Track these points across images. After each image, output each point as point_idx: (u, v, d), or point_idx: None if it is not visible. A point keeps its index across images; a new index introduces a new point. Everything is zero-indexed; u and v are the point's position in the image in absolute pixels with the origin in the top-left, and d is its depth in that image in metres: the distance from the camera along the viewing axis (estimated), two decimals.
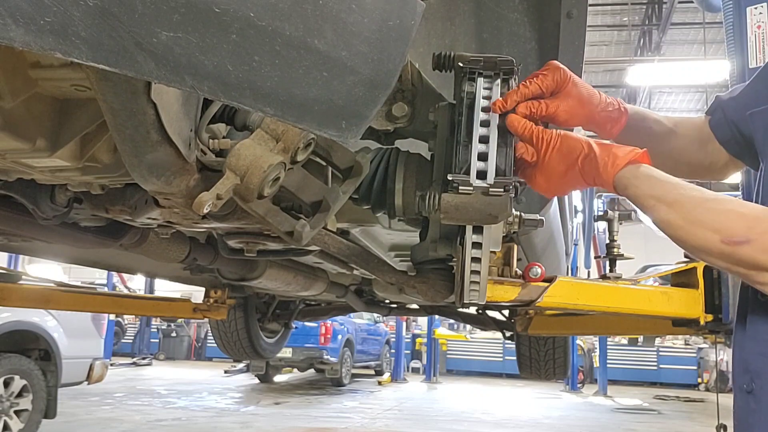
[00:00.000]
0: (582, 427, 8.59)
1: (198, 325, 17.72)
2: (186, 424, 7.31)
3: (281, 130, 1.04)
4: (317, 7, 0.67)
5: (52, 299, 3.61)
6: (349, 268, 2.52)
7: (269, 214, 1.19)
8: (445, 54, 1.21)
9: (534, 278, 1.95)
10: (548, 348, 4.80)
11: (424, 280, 1.76)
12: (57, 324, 5.29)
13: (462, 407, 10.00)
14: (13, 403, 4.94)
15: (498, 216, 1.11)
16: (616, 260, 2.58)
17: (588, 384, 14.17)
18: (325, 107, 0.74)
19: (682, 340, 15.36)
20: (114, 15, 0.55)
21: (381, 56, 0.76)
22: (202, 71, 0.62)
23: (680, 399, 12.59)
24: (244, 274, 2.54)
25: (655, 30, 14.24)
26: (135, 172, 0.96)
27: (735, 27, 2.36)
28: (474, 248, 1.31)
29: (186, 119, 0.98)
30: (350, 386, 12.50)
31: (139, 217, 1.40)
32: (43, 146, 1.06)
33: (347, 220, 1.85)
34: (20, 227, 1.63)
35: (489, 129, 1.04)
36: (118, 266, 3.32)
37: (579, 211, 10.84)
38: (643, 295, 2.29)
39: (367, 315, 13.48)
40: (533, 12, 1.75)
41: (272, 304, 4.60)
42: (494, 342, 15.61)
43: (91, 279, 12.98)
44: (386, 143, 1.41)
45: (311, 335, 11.58)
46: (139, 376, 13.13)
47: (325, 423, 7.92)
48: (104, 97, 0.83)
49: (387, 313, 4.35)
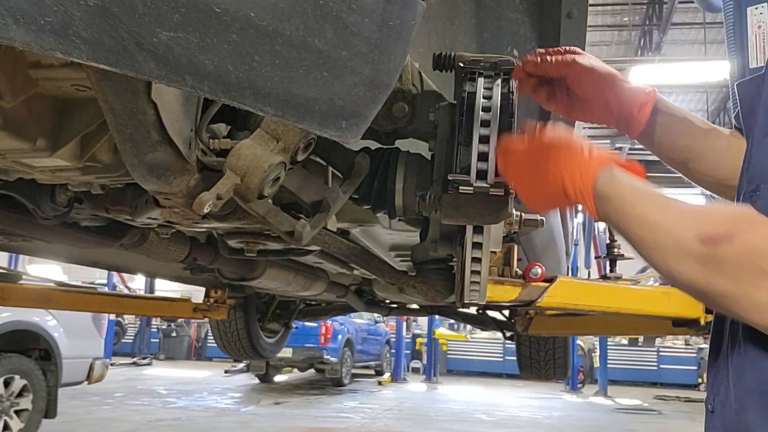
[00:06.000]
0: (582, 427, 8.59)
1: (198, 325, 17.71)
2: (186, 424, 7.31)
3: (281, 130, 1.04)
4: (317, 7, 0.67)
5: (52, 299, 3.61)
6: (350, 268, 2.52)
7: (269, 214, 1.19)
8: (446, 54, 1.21)
9: (534, 278, 1.95)
10: (548, 348, 4.80)
11: (425, 280, 1.77)
12: (57, 324, 5.29)
13: (462, 407, 10.00)
14: (13, 403, 4.94)
15: (498, 216, 1.11)
16: (616, 260, 2.59)
17: (588, 384, 14.17)
18: (326, 107, 0.74)
19: (683, 340, 15.36)
20: (114, 15, 0.55)
21: (381, 56, 0.76)
22: (202, 71, 0.62)
23: (680, 399, 12.58)
24: (244, 274, 2.54)
25: (655, 30, 14.23)
26: (135, 172, 0.96)
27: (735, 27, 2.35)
28: (474, 248, 1.31)
29: (186, 119, 0.98)
30: (350, 386, 12.50)
31: (139, 217, 1.40)
32: (44, 146, 1.06)
33: (347, 220, 1.85)
34: (20, 227, 1.63)
35: (489, 129, 1.04)
36: (118, 266, 3.32)
37: (579, 211, 10.84)
38: (644, 295, 2.29)
39: (368, 315, 13.47)
40: (534, 12, 1.75)
41: (272, 304, 4.60)
42: (494, 342, 15.61)
43: (91, 279, 12.97)
44: (386, 143, 1.41)
45: (311, 335, 11.58)
46: (139, 376, 13.13)
47: (326, 423, 7.92)
48: (104, 97, 0.83)
49: (387, 313, 4.35)
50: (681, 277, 0.77)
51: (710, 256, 0.73)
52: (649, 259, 0.82)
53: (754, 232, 0.73)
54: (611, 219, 0.85)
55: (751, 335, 0.80)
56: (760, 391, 0.79)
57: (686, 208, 0.80)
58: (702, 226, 0.75)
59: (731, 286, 0.73)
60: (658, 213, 0.80)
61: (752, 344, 0.81)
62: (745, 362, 0.82)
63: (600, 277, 2.57)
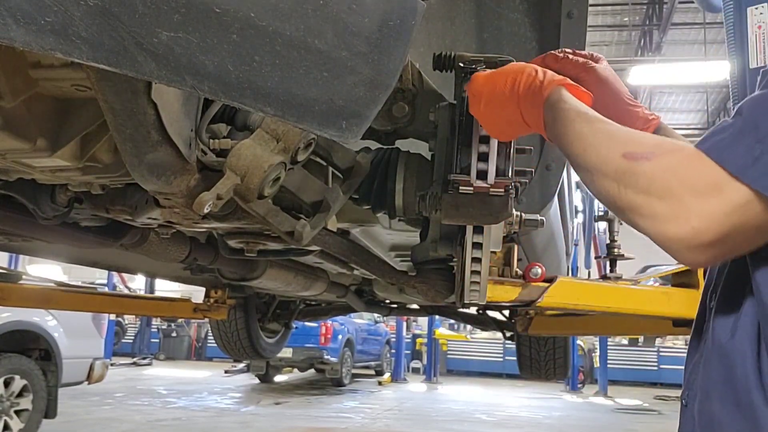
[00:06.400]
0: (582, 427, 8.58)
1: (198, 325, 17.70)
2: (186, 424, 7.31)
3: (282, 131, 1.04)
4: (318, 8, 0.67)
5: (52, 299, 3.62)
6: (350, 268, 2.52)
7: (269, 214, 1.19)
8: (446, 54, 1.21)
9: (534, 278, 1.95)
10: (549, 348, 4.80)
11: (425, 281, 1.77)
12: (57, 324, 5.29)
13: (462, 407, 10.00)
14: (13, 403, 4.94)
15: (498, 216, 1.11)
16: (616, 260, 2.59)
17: (588, 384, 14.17)
18: (326, 107, 0.74)
19: (683, 340, 15.33)
20: (114, 15, 0.55)
21: (381, 56, 0.76)
22: (202, 71, 0.62)
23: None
24: (244, 274, 2.54)
25: (655, 30, 14.24)
26: (135, 172, 0.96)
27: (735, 27, 2.36)
28: (474, 248, 1.31)
29: (186, 119, 0.98)
30: (350, 386, 12.50)
31: (139, 217, 1.40)
32: (44, 146, 1.06)
33: (347, 220, 1.85)
34: (21, 227, 1.63)
35: None
36: (118, 266, 3.32)
37: (579, 211, 10.85)
38: (644, 295, 2.30)
39: (368, 315, 13.47)
40: (534, 12, 1.76)
41: (272, 304, 4.60)
42: (494, 342, 15.61)
43: (91, 279, 12.97)
44: (386, 143, 1.41)
45: (311, 335, 11.57)
46: (140, 376, 13.13)
47: (326, 423, 7.92)
48: (105, 97, 0.83)
49: (387, 313, 4.35)
50: (600, 188, 0.83)
51: (626, 169, 0.78)
52: (580, 174, 0.87)
53: (674, 155, 0.77)
54: (555, 133, 0.91)
55: (721, 333, 0.86)
56: (722, 380, 0.84)
57: (619, 129, 0.85)
58: (630, 145, 0.80)
59: (639, 198, 0.77)
60: (591, 132, 0.85)
61: (720, 340, 0.86)
62: (712, 357, 0.87)
63: (600, 277, 2.57)
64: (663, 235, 0.77)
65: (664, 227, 0.76)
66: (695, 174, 0.74)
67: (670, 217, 0.75)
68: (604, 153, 0.82)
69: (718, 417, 0.83)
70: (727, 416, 0.82)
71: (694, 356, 0.95)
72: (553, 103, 0.91)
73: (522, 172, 1.24)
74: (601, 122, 0.87)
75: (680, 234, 0.75)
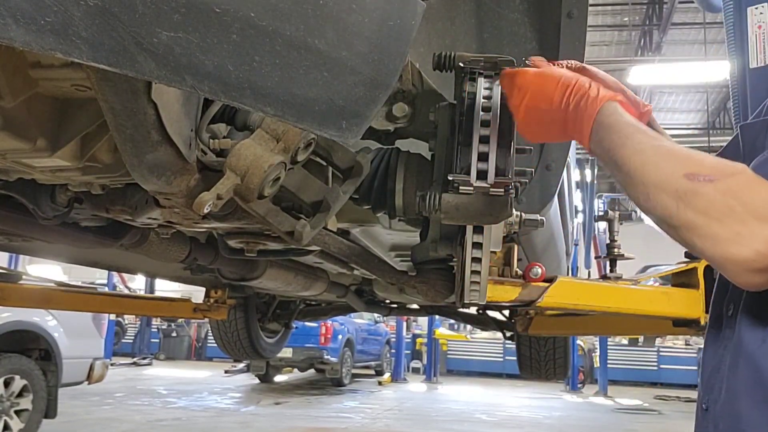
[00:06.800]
0: (582, 427, 8.58)
1: (198, 325, 17.70)
2: (186, 424, 7.31)
3: (281, 130, 1.04)
4: (318, 8, 0.67)
5: (52, 299, 3.61)
6: (350, 269, 2.52)
7: (269, 214, 1.19)
8: (446, 54, 1.21)
9: (534, 278, 1.95)
10: (549, 348, 4.80)
11: (425, 281, 1.77)
12: (57, 324, 5.29)
13: (462, 407, 10.00)
14: (13, 403, 4.94)
15: (498, 216, 1.11)
16: (616, 260, 2.58)
17: (588, 384, 14.17)
18: (326, 107, 0.74)
19: (683, 340, 15.35)
20: (114, 15, 0.55)
21: (381, 56, 0.76)
22: (202, 71, 0.62)
23: (681, 399, 12.58)
24: (244, 274, 2.54)
25: (655, 30, 14.24)
26: (135, 172, 0.96)
27: (735, 27, 2.36)
28: (474, 248, 1.31)
29: (186, 119, 0.98)
30: (350, 386, 12.50)
31: (139, 217, 1.40)
32: (44, 146, 1.06)
33: (347, 220, 1.85)
34: (21, 227, 1.63)
35: (490, 129, 1.04)
36: (118, 266, 3.32)
37: (579, 211, 10.86)
38: (644, 295, 2.29)
39: (368, 315, 13.47)
40: (534, 12, 1.76)
41: (272, 304, 4.60)
42: (494, 342, 15.61)
43: (91, 279, 12.96)
44: (386, 143, 1.41)
45: (311, 335, 11.57)
46: (140, 376, 13.13)
47: (326, 423, 7.92)
48: (105, 97, 0.83)
49: (387, 313, 4.35)
50: (656, 205, 0.83)
51: (688, 189, 0.79)
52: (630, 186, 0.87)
53: (735, 179, 0.79)
54: (603, 146, 0.91)
55: (750, 341, 0.88)
56: (752, 383, 0.86)
57: (679, 148, 0.86)
58: (691, 166, 0.81)
59: (698, 218, 0.79)
60: (651, 148, 0.86)
61: (746, 344, 0.88)
62: (739, 359, 0.89)
63: (600, 277, 2.57)
64: (722, 257, 0.78)
65: (725, 249, 0.77)
66: (759, 199, 0.77)
67: (732, 239, 0.76)
68: (664, 170, 0.83)
69: (746, 414, 0.86)
70: (756, 412, 0.85)
71: (711, 362, 0.96)
72: (606, 117, 0.92)
73: (522, 172, 1.24)
74: (660, 139, 0.88)
75: (742, 256, 0.76)
